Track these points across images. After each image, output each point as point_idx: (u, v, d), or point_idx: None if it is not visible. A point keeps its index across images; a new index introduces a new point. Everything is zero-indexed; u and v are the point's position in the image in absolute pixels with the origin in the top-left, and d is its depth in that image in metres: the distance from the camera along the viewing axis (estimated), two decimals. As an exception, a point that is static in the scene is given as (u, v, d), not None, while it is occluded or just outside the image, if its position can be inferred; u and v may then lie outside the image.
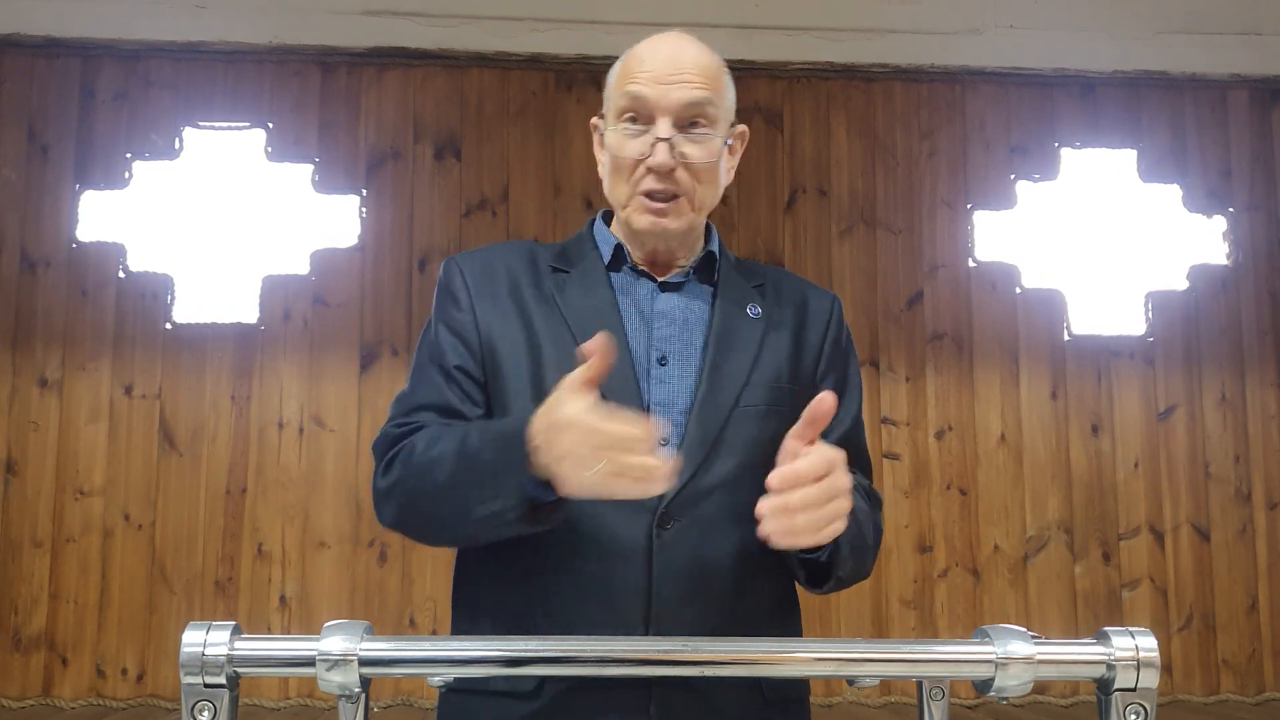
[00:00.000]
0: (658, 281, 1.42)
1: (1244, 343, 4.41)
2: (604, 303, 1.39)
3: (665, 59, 1.38)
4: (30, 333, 4.10)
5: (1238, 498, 4.33)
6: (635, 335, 1.38)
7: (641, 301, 1.41)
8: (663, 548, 1.29)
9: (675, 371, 1.37)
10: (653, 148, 1.35)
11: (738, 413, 1.35)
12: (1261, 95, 4.54)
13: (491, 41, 4.27)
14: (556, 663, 1.02)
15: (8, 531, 3.99)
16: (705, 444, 1.33)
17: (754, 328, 1.41)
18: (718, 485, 1.32)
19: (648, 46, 1.41)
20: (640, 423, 1.11)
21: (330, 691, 0.98)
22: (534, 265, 1.43)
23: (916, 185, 4.42)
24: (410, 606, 4.05)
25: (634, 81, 1.37)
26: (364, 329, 4.18)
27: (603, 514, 1.30)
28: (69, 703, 3.92)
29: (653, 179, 1.36)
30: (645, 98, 1.36)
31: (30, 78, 4.21)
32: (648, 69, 1.37)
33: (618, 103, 1.39)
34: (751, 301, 1.43)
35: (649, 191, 1.36)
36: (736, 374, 1.37)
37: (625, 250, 1.43)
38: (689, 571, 1.29)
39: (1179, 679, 4.20)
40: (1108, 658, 0.98)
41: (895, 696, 4.07)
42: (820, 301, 1.49)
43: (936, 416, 4.28)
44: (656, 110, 1.36)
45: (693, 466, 1.32)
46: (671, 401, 1.35)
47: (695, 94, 1.36)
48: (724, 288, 1.43)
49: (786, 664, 1.04)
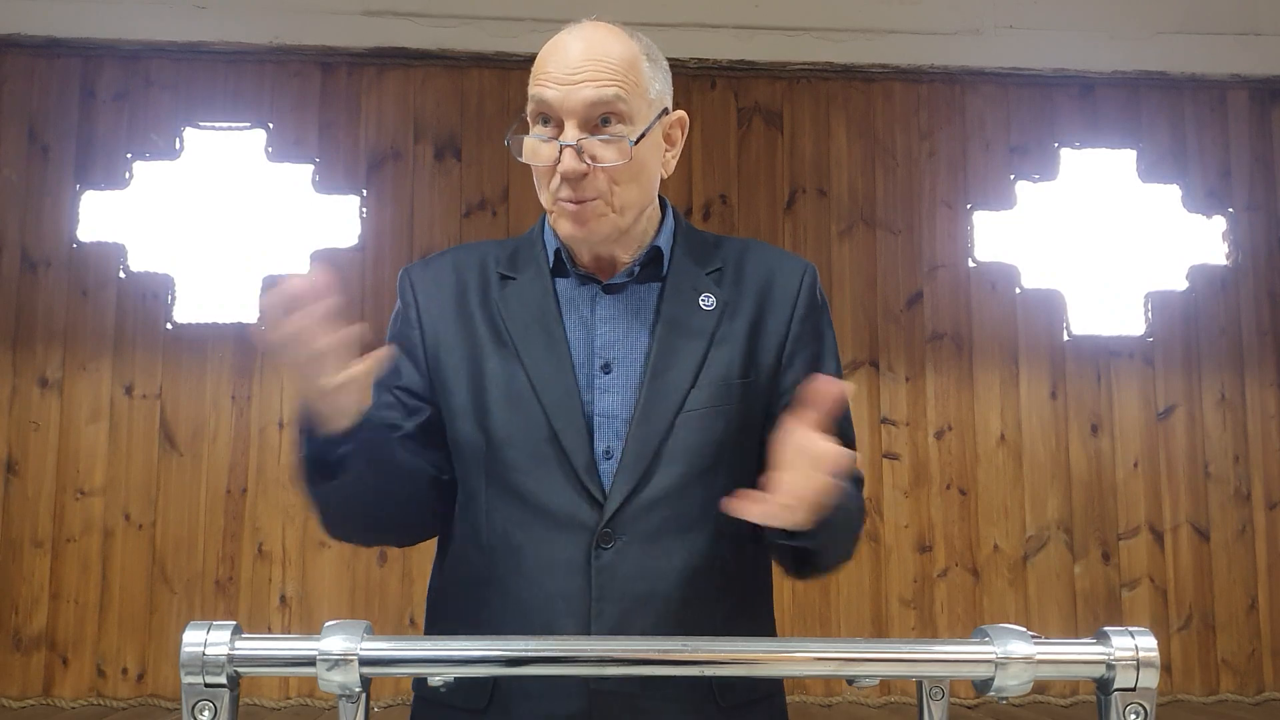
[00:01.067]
0: (601, 284, 1.36)
1: (1244, 343, 4.41)
2: (545, 312, 1.34)
3: (567, 56, 1.29)
4: (31, 333, 4.10)
5: (1237, 498, 4.33)
6: (578, 343, 1.33)
7: (584, 307, 1.35)
8: (601, 568, 1.26)
9: (619, 379, 1.32)
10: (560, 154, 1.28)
11: (681, 419, 1.30)
12: (1261, 95, 4.54)
13: (491, 41, 4.27)
14: (557, 663, 1.02)
15: (8, 531, 3.99)
16: (645, 457, 1.28)
17: (705, 321, 1.34)
18: (661, 498, 1.28)
19: (552, 43, 1.32)
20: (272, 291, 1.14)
21: (330, 691, 0.98)
22: (483, 272, 1.40)
23: (916, 185, 4.42)
24: (410, 606, 4.05)
25: (537, 83, 1.30)
26: (364, 329, 4.18)
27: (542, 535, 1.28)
28: (69, 703, 3.92)
29: (565, 186, 1.29)
30: (548, 100, 1.29)
31: (30, 78, 4.21)
32: (550, 68, 1.30)
33: (528, 108, 1.32)
34: (705, 292, 1.36)
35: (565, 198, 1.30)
36: (681, 378, 1.31)
37: (565, 255, 1.37)
38: (631, 590, 1.26)
39: (1179, 679, 4.21)
40: (1107, 658, 0.99)
41: (895, 696, 4.07)
42: (788, 277, 1.40)
43: (936, 416, 4.28)
44: (561, 113, 1.28)
45: (633, 481, 1.28)
46: (615, 411, 1.31)
47: (601, 92, 1.27)
48: (672, 283, 1.36)
49: (787, 664, 1.04)
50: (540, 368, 1.32)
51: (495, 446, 1.31)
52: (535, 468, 1.29)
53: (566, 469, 1.28)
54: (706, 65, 4.25)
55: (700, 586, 1.29)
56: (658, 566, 1.27)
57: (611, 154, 1.29)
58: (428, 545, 1.48)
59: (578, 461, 1.28)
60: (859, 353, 4.27)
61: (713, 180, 4.29)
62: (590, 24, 1.34)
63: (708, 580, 1.30)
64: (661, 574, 1.27)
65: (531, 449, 1.30)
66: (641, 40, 1.36)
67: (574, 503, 1.28)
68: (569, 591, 1.26)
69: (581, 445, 1.29)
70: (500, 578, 1.30)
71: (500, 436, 1.31)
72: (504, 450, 1.31)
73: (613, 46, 1.31)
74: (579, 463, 1.28)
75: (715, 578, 1.31)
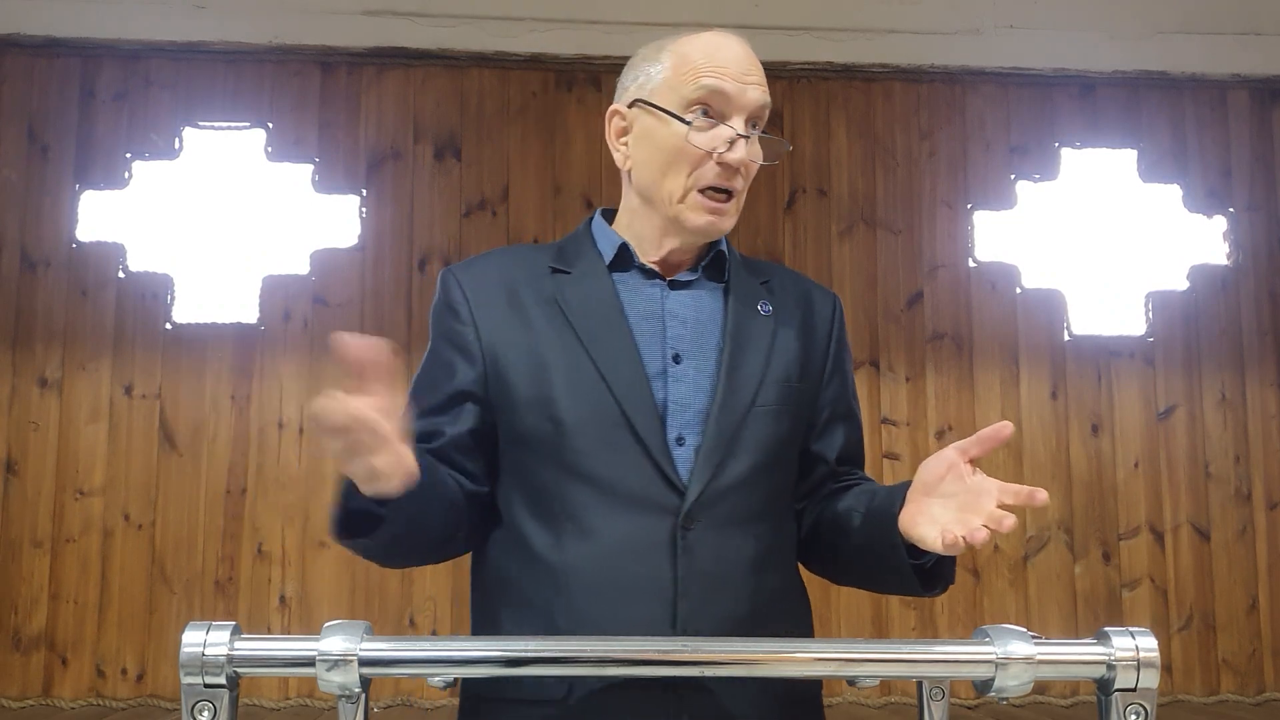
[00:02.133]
0: (667, 280, 1.40)
1: (1244, 343, 4.41)
2: (607, 303, 1.37)
3: (739, 56, 1.37)
4: (30, 333, 4.10)
5: (1238, 498, 4.33)
6: (645, 335, 1.36)
7: (653, 301, 1.39)
8: (687, 549, 1.29)
9: (690, 370, 1.35)
10: (730, 144, 1.33)
11: (754, 413, 1.35)
12: (1261, 95, 4.53)
13: (491, 41, 4.27)
14: (556, 663, 1.02)
15: (8, 531, 3.99)
16: (724, 445, 1.32)
17: (765, 326, 1.40)
18: (734, 486, 1.32)
19: (715, 41, 1.38)
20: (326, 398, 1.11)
21: (330, 692, 0.98)
22: (532, 268, 1.41)
23: (916, 185, 4.42)
24: (410, 606, 4.04)
25: (710, 75, 1.34)
26: (364, 329, 4.18)
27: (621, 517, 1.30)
28: (69, 703, 3.92)
29: (719, 175, 1.34)
30: (726, 93, 1.34)
31: (30, 78, 4.21)
32: (723, 64, 1.35)
33: (686, 93, 1.35)
34: (762, 299, 1.42)
35: (712, 188, 1.34)
36: (752, 373, 1.36)
37: (631, 250, 1.41)
38: (711, 571, 1.29)
39: (1179, 679, 4.20)
40: (1108, 658, 0.98)
41: (895, 696, 4.07)
42: (824, 301, 1.49)
43: (936, 417, 4.28)
44: (733, 107, 1.34)
45: (712, 468, 1.31)
46: (689, 400, 1.34)
47: (766, 97, 1.37)
48: (735, 285, 1.42)
49: (787, 664, 1.04)
50: (607, 356, 1.34)
51: (565, 434, 1.32)
52: (608, 453, 1.31)
53: (642, 452, 1.31)
54: (706, 65, 4.24)
55: (764, 575, 1.34)
56: (729, 553, 1.31)
57: (764, 154, 1.38)
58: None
59: (652, 445, 1.31)
60: (859, 353, 4.27)
61: (713, 180, 4.28)
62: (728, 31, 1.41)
63: (769, 570, 1.35)
64: (733, 560, 1.31)
65: (603, 434, 1.31)
66: None
67: (653, 485, 1.30)
68: (654, 573, 1.28)
69: (655, 431, 1.31)
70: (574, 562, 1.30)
71: (570, 424, 1.32)
72: (574, 437, 1.32)
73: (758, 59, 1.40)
74: (654, 447, 1.31)
75: (775, 568, 1.36)
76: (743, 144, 1.33)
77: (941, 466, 1.22)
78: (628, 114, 1.41)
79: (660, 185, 1.36)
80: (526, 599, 1.33)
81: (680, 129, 1.34)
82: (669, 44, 1.40)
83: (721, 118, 1.34)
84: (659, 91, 1.37)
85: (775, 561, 1.36)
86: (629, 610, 1.27)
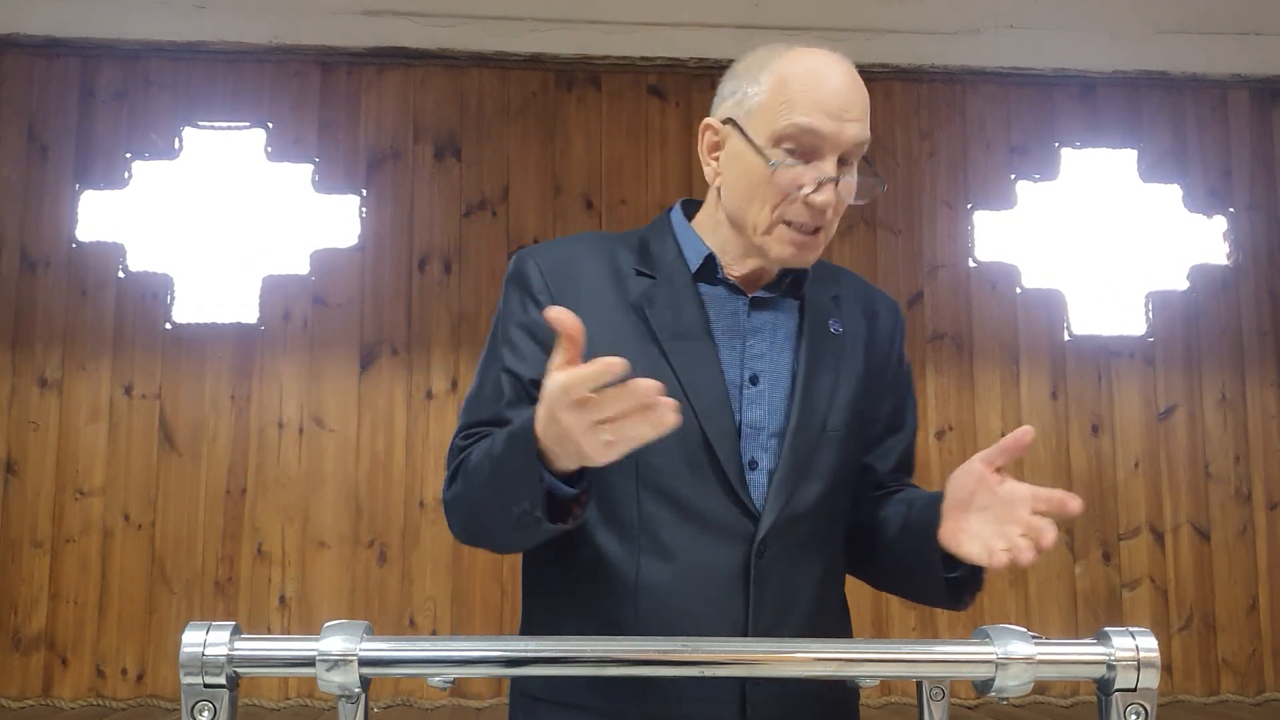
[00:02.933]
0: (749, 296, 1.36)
1: (1244, 343, 4.41)
2: (693, 317, 1.33)
3: (837, 90, 1.28)
4: (30, 333, 4.09)
5: (1238, 498, 4.33)
6: (726, 354, 1.33)
7: (735, 318, 1.35)
8: (759, 577, 1.28)
9: (766, 392, 1.33)
10: (817, 185, 1.27)
11: (824, 438, 1.34)
12: (1261, 95, 4.53)
13: (491, 41, 4.27)
14: (556, 663, 1.02)
15: (8, 531, 3.99)
16: (798, 471, 1.31)
17: (836, 346, 1.38)
18: (805, 512, 1.32)
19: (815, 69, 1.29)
20: (594, 364, 1.02)
21: (330, 692, 0.98)
22: (615, 266, 1.36)
23: (916, 185, 4.41)
24: (410, 606, 4.04)
25: (805, 112, 1.27)
26: (364, 329, 4.18)
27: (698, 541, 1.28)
28: (69, 703, 3.91)
29: (806, 213, 1.28)
30: (819, 132, 1.27)
31: (30, 78, 4.21)
32: (819, 100, 1.27)
33: (777, 127, 1.27)
34: (833, 316, 1.40)
35: (798, 223, 1.29)
36: (822, 397, 1.34)
37: (717, 261, 1.36)
38: (781, 596, 1.30)
39: (1179, 679, 4.20)
40: (1108, 658, 0.98)
41: (895, 696, 4.07)
42: (888, 314, 1.46)
43: (936, 416, 4.28)
44: (827, 146, 1.27)
45: (787, 493, 1.30)
46: (763, 423, 1.32)
47: (864, 133, 1.29)
48: (810, 304, 1.38)
49: (787, 664, 1.04)
50: (692, 374, 1.30)
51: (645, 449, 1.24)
52: (690, 474, 1.29)
53: (720, 477, 1.29)
54: (706, 65, 4.24)
55: (827, 596, 1.36)
56: (800, 578, 1.32)
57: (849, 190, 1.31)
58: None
59: (730, 471, 1.29)
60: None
61: (713, 180, 4.27)
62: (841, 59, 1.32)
63: (832, 590, 1.38)
64: (801, 585, 1.32)
65: (686, 455, 1.29)
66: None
67: (729, 511, 1.29)
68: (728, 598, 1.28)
69: (733, 455, 1.29)
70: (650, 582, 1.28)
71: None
72: (656, 454, 1.26)
73: (863, 86, 1.31)
74: (731, 472, 1.29)
75: (836, 588, 1.39)
76: (831, 186, 1.27)
77: (971, 480, 1.22)
78: (721, 130, 1.35)
79: (746, 211, 1.32)
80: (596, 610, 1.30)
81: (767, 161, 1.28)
82: (771, 62, 1.32)
83: (814, 153, 1.28)
84: (753, 115, 1.30)
85: (834, 581, 1.39)
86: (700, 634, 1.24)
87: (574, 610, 1.33)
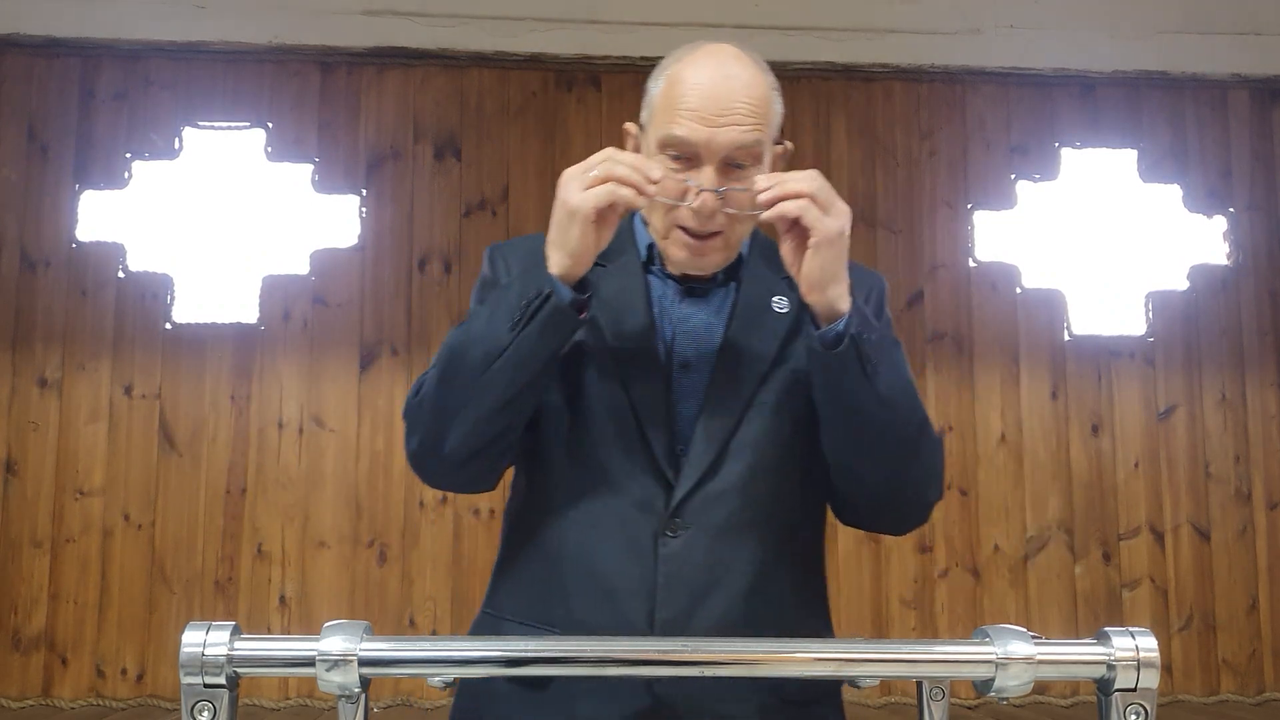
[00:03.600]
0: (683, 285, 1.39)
1: (1244, 343, 4.41)
2: (638, 304, 1.36)
3: (713, 94, 1.27)
4: (30, 333, 4.10)
5: (1238, 498, 4.33)
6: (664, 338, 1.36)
7: (670, 305, 1.38)
8: (668, 557, 1.28)
9: (696, 377, 1.35)
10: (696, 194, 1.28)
11: (750, 413, 1.33)
12: (1261, 95, 4.53)
13: (491, 41, 4.27)
14: (556, 663, 1.02)
15: (8, 531, 3.99)
16: (714, 448, 1.31)
17: (778, 323, 1.37)
18: (729, 489, 1.31)
19: (695, 73, 1.29)
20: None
21: (330, 692, 0.98)
22: None
23: (916, 185, 4.42)
24: (410, 606, 4.04)
25: (677, 121, 1.27)
26: (364, 329, 4.18)
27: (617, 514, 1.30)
28: (69, 703, 3.92)
29: (693, 219, 1.30)
30: (690, 142, 1.27)
31: (30, 78, 4.21)
32: (693, 107, 1.27)
33: (660, 135, 1.29)
34: (779, 295, 1.39)
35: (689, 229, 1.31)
36: (750, 374, 1.34)
37: (657, 251, 1.40)
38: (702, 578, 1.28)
39: (1179, 679, 4.20)
40: (1108, 658, 0.98)
41: (895, 696, 4.07)
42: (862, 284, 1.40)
43: (937, 416, 4.28)
44: (703, 154, 1.27)
45: (699, 472, 1.30)
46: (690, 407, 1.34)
47: (744, 136, 1.27)
48: (746, 285, 1.39)
49: (786, 664, 1.04)
50: (629, 356, 1.34)
51: (581, 421, 1.33)
52: (617, 449, 1.31)
53: (647, 455, 1.31)
54: (706, 65, 4.24)
55: (767, 580, 1.31)
56: (726, 558, 1.30)
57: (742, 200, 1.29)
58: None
59: (658, 449, 1.31)
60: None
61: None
62: (729, 53, 1.31)
63: (775, 574, 1.32)
64: (729, 566, 1.30)
65: (615, 430, 1.32)
66: (768, 72, 1.34)
67: (649, 489, 1.30)
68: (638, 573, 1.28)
69: (661, 434, 1.31)
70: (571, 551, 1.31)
71: (588, 411, 1.33)
72: (590, 427, 1.32)
73: (755, 86, 1.29)
74: (659, 450, 1.31)
75: (782, 572, 1.33)
76: (708, 197, 1.27)
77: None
78: (635, 133, 1.39)
79: (650, 217, 1.36)
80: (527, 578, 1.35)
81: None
82: (670, 65, 1.34)
83: (695, 160, 1.28)
84: (651, 120, 1.34)
85: (785, 567, 1.33)
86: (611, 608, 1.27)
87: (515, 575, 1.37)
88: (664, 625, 1.27)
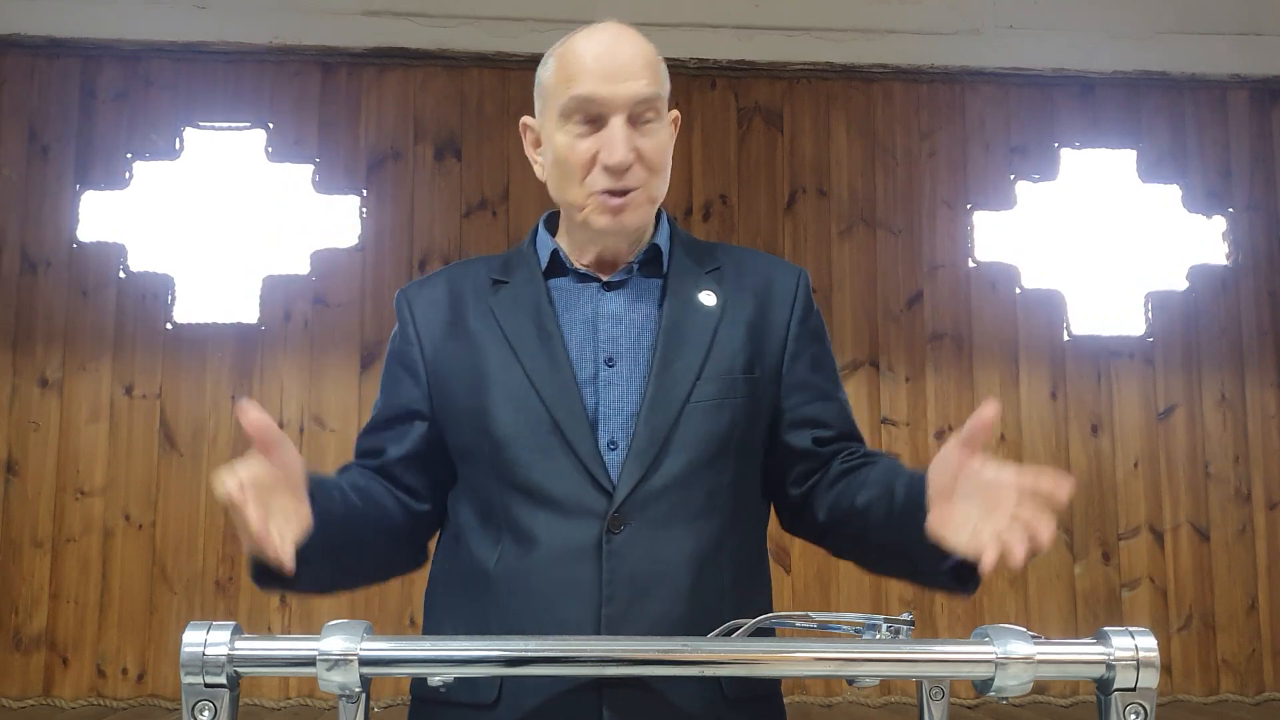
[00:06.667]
0: (603, 282, 1.40)
1: (1244, 343, 4.41)
2: (538, 311, 1.38)
3: (609, 54, 1.35)
4: (30, 333, 4.10)
5: (1238, 498, 4.33)
6: (578, 341, 1.36)
7: (585, 304, 1.39)
8: (612, 553, 1.28)
9: (624, 373, 1.35)
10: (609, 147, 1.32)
11: (688, 410, 1.33)
12: (1261, 95, 4.53)
13: (491, 41, 4.27)
14: (557, 663, 1.02)
15: (8, 531, 3.99)
16: (654, 445, 1.32)
17: (707, 318, 1.38)
18: (669, 485, 1.31)
19: (586, 43, 1.37)
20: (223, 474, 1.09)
21: (330, 691, 0.98)
22: (476, 282, 1.44)
23: (916, 185, 4.42)
24: (410, 606, 4.04)
25: (579, 83, 1.34)
26: (364, 329, 4.18)
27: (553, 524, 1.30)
28: (69, 703, 3.92)
29: (608, 178, 1.33)
30: (596, 97, 1.33)
31: (30, 78, 4.21)
32: (591, 67, 1.34)
33: (561, 103, 1.35)
34: (705, 289, 1.41)
35: (607, 190, 1.34)
36: (687, 370, 1.35)
37: (563, 254, 1.42)
38: (644, 573, 1.29)
39: (1178, 679, 4.20)
40: (1107, 658, 0.99)
41: (895, 696, 4.07)
42: (785, 279, 1.45)
43: (936, 417, 4.28)
44: (607, 109, 1.33)
45: (641, 469, 1.31)
46: (621, 403, 1.34)
47: (646, 89, 1.34)
48: (673, 279, 1.41)
49: (787, 664, 1.04)
50: (537, 364, 1.35)
51: (499, 447, 1.34)
52: (541, 461, 1.32)
53: (572, 459, 1.31)
54: (706, 65, 4.24)
55: (708, 573, 1.32)
56: (667, 552, 1.30)
57: (652, 145, 1.35)
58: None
59: (582, 451, 1.31)
60: (859, 353, 4.27)
61: (713, 180, 4.28)
62: (615, 25, 1.39)
63: (715, 567, 1.33)
64: (670, 560, 1.30)
65: (535, 443, 1.33)
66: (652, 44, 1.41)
67: (581, 490, 1.31)
68: (580, 577, 1.28)
69: (584, 435, 1.32)
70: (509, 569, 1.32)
71: (504, 436, 1.34)
72: (509, 449, 1.33)
73: (645, 46, 1.38)
74: (583, 452, 1.31)
75: (723, 566, 1.34)
76: (622, 145, 1.31)
77: (950, 468, 1.17)
78: (533, 124, 1.45)
79: (565, 195, 1.39)
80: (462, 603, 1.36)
81: (562, 140, 1.35)
82: (556, 47, 1.40)
83: (601, 120, 1.33)
84: (546, 101, 1.39)
85: (725, 559, 1.34)
86: (555, 613, 1.27)
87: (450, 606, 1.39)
88: (611, 623, 1.27)
